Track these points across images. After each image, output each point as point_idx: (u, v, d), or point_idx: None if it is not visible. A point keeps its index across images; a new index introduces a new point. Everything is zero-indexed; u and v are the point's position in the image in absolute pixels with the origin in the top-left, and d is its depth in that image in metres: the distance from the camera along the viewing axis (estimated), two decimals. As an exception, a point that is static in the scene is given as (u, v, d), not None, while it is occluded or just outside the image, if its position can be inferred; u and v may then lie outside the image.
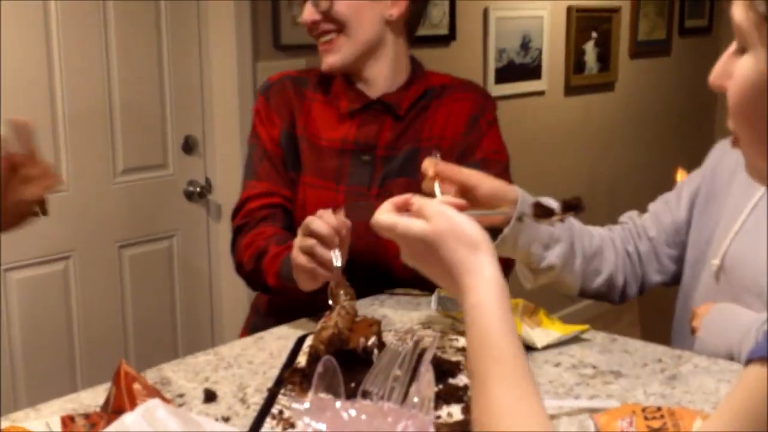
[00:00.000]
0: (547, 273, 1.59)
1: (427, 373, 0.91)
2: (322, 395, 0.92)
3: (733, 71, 0.81)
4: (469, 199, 1.39)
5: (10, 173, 1.37)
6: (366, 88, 1.82)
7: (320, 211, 1.52)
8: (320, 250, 1.50)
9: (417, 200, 1.05)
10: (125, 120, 2.83)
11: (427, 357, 0.97)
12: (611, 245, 1.70)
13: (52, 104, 2.65)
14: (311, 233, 1.50)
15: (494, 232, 1.59)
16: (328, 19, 1.74)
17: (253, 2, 2.98)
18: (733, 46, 0.83)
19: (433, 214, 1.00)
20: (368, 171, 1.79)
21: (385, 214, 1.06)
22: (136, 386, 1.14)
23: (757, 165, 0.84)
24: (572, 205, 1.28)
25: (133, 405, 1.10)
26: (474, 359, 0.93)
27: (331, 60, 1.77)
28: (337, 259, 1.49)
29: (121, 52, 2.78)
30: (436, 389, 1.25)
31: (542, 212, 1.33)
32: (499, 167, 1.76)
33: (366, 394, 1.01)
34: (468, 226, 0.99)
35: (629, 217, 1.78)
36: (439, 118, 1.82)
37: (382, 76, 1.81)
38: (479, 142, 1.80)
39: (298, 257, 1.53)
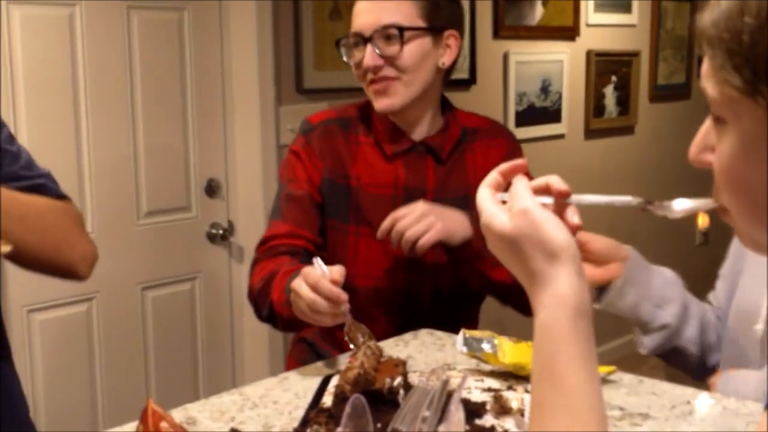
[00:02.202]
0: (660, 333, 1.62)
1: (456, 413, 0.91)
2: (351, 433, 0.91)
3: (714, 146, 0.80)
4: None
5: None
6: (408, 130, 1.84)
7: (317, 273, 1.50)
8: (324, 306, 1.49)
9: (515, 186, 0.92)
10: (149, 163, 2.86)
11: (457, 396, 0.97)
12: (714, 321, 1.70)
13: (78, 146, 2.68)
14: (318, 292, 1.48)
15: (602, 288, 1.62)
16: (390, 65, 1.76)
17: (275, 46, 3.01)
18: (709, 120, 0.81)
19: (516, 212, 0.89)
20: None
21: (484, 190, 0.95)
22: (164, 425, 1.14)
23: (753, 236, 0.80)
24: None
25: (160, 444, 1.10)
26: (534, 383, 0.84)
27: (386, 102, 1.78)
28: (346, 309, 1.50)
29: (146, 95, 2.82)
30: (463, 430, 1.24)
31: None
32: None
33: (395, 433, 1.01)
34: (551, 231, 0.87)
35: (715, 297, 1.75)
36: (480, 163, 1.85)
37: (425, 120, 1.85)
38: None
39: (303, 316, 1.54)
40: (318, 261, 1.53)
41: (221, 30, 3.00)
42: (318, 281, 1.48)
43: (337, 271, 1.50)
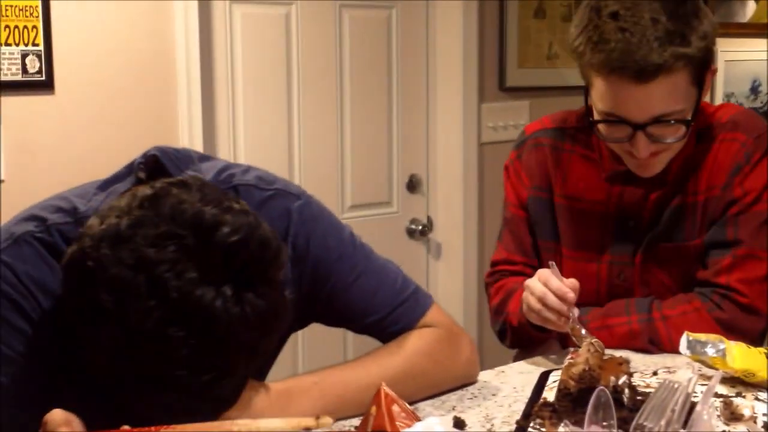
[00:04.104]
0: None
1: (708, 418, 0.88)
2: (595, 428, 0.90)
3: None
4: None
5: None
6: None
7: (546, 278, 1.51)
8: (553, 302, 1.51)
9: None
10: (355, 157, 2.93)
11: (707, 400, 0.94)
12: None
13: (290, 139, 2.79)
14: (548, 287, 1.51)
15: None
16: (662, 145, 1.55)
17: (480, 44, 3.02)
18: None
19: None
20: (633, 236, 1.65)
21: None
22: (395, 408, 1.17)
23: None
24: None
25: (393, 425, 1.13)
26: None
27: (653, 171, 1.60)
28: (574, 313, 1.51)
29: (354, 91, 2.90)
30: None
31: None
32: (757, 221, 1.60)
33: (640, 429, 0.99)
34: None
35: None
36: (705, 168, 1.63)
37: None
38: (738, 194, 1.60)
39: (530, 314, 1.56)
40: (554, 264, 1.53)
41: (427, 28, 3.04)
42: (549, 277, 1.50)
43: (572, 282, 1.50)
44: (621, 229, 1.67)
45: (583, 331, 1.53)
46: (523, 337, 1.69)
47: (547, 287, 1.50)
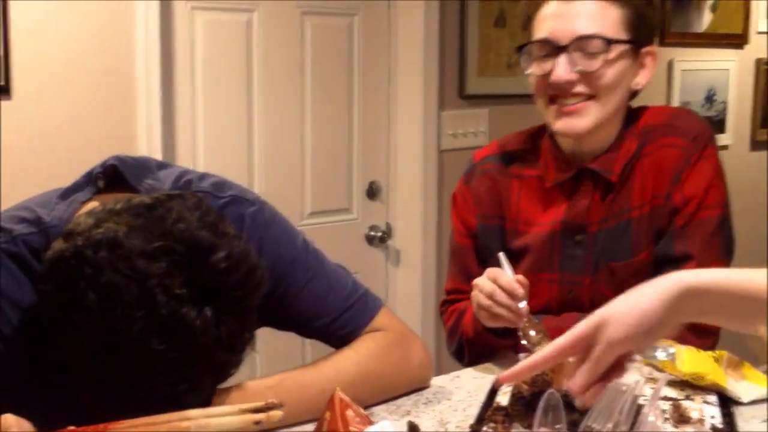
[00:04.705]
0: None
1: (655, 419, 0.90)
2: (545, 430, 0.92)
3: None
4: None
5: None
6: (579, 155, 1.64)
7: (495, 275, 1.51)
8: (502, 298, 1.50)
9: None
10: (315, 164, 2.94)
11: (654, 400, 0.96)
12: None
13: (249, 146, 2.79)
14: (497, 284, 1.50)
15: None
16: (585, 82, 1.57)
17: (441, 52, 3.05)
18: None
19: None
20: (581, 253, 1.65)
21: None
22: (349, 413, 1.18)
23: None
24: None
25: (346, 430, 1.14)
26: None
27: (578, 124, 1.58)
28: (524, 307, 1.50)
29: (315, 98, 2.91)
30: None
31: None
32: (703, 231, 1.61)
33: (588, 431, 1.01)
34: None
35: None
36: (648, 177, 1.63)
37: (600, 142, 1.64)
38: (679, 202, 1.62)
39: (480, 313, 1.56)
40: (503, 256, 1.54)
41: (389, 35, 3.06)
42: (498, 274, 1.50)
43: (520, 276, 1.51)
44: (568, 246, 1.66)
45: (532, 332, 1.52)
46: (479, 348, 1.68)
47: (496, 284, 1.50)
